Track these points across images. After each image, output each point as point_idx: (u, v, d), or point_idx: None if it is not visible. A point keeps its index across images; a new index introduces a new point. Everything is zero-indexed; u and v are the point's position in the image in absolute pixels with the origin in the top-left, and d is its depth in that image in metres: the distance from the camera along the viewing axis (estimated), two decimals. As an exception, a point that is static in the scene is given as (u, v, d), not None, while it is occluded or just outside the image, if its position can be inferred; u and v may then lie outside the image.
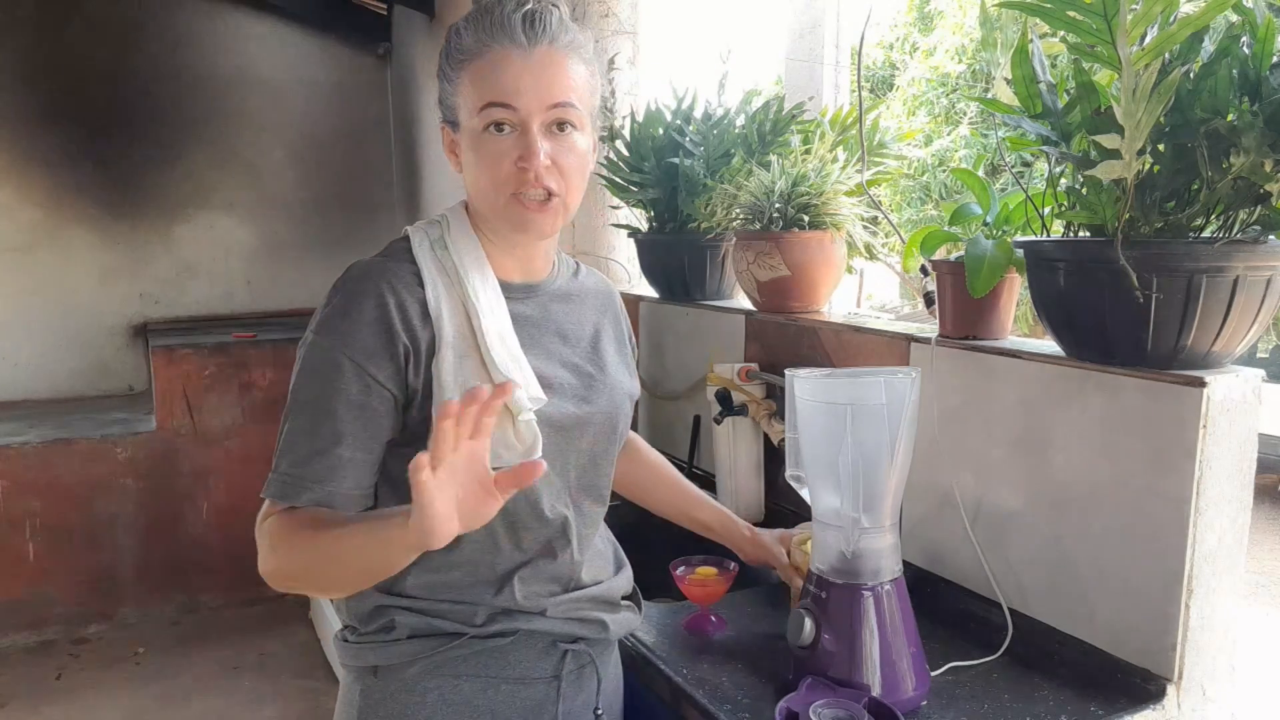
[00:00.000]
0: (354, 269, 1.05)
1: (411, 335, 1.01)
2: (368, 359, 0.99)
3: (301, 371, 1.02)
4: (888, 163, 1.95)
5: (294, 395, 1.02)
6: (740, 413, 1.81)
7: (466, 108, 1.03)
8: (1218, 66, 1.04)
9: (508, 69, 1.00)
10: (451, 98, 1.05)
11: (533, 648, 1.10)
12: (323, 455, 0.99)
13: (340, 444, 1.00)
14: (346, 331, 1.00)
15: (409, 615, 1.07)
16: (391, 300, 1.01)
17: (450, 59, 1.05)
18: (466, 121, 1.03)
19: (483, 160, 1.02)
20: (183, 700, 3.16)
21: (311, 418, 1.00)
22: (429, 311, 1.02)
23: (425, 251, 1.06)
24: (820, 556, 1.16)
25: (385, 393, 1.01)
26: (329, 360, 1.00)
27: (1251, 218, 1.08)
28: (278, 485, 1.00)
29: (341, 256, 4.70)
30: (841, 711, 1.05)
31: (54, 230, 4.24)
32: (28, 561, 3.53)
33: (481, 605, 1.07)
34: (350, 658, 1.12)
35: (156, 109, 4.38)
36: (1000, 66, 1.24)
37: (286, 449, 1.01)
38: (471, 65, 1.02)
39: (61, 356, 4.30)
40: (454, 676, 1.08)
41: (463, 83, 1.03)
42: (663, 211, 2.18)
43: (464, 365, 1.02)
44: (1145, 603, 1.15)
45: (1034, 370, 1.27)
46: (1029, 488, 1.29)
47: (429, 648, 1.07)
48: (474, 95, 1.01)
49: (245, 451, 3.89)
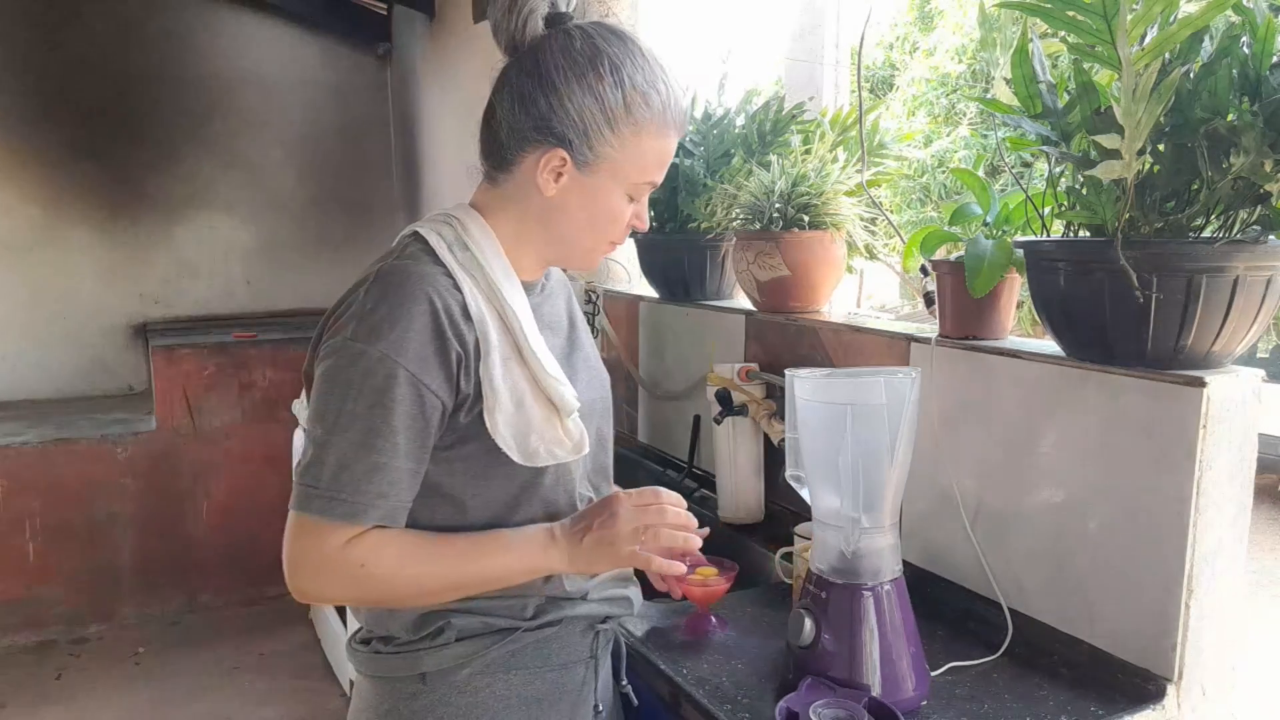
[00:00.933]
0: (390, 275, 1.00)
1: (461, 340, 0.99)
2: (423, 369, 0.96)
3: (350, 383, 0.96)
4: (887, 163, 1.95)
5: (341, 408, 0.96)
6: (740, 413, 1.82)
7: (621, 168, 1.04)
8: (1218, 66, 1.04)
9: (669, 154, 1.07)
10: (603, 145, 1.02)
11: (573, 632, 1.13)
12: (381, 470, 0.96)
13: (398, 457, 0.97)
14: (398, 340, 0.96)
15: (462, 617, 1.06)
16: (439, 305, 0.98)
17: (625, 111, 1.02)
18: (609, 174, 1.04)
19: (609, 215, 1.07)
20: (183, 700, 3.16)
21: (367, 430, 0.96)
22: (470, 314, 1.00)
23: (447, 254, 1.03)
24: (820, 556, 1.16)
25: (438, 402, 0.99)
26: (383, 370, 0.95)
27: (1251, 218, 1.08)
28: (339, 506, 0.96)
29: (341, 256, 4.73)
30: (841, 711, 1.05)
31: (54, 230, 4.24)
32: (28, 561, 3.53)
33: (531, 597, 1.09)
34: (388, 668, 1.08)
35: (157, 109, 4.38)
36: (1000, 66, 1.24)
37: (339, 465, 0.96)
38: (650, 136, 1.04)
39: (61, 356, 4.30)
40: (504, 671, 1.08)
41: (629, 141, 1.03)
42: (662, 211, 2.18)
43: (510, 368, 1.02)
44: (1145, 603, 1.15)
45: (1034, 370, 1.27)
46: (1029, 487, 1.29)
47: (481, 647, 1.07)
48: (638, 164, 1.04)
49: (245, 451, 3.90)
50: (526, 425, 1.02)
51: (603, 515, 1.03)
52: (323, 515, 0.96)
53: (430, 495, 1.04)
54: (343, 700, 3.13)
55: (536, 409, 1.02)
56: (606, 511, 1.03)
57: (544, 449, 1.02)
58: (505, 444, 1.01)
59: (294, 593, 1.01)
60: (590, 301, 2.40)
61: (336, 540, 0.96)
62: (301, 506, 0.97)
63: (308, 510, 0.96)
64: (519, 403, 1.02)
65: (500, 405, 1.00)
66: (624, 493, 1.05)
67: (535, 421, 1.02)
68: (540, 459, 1.02)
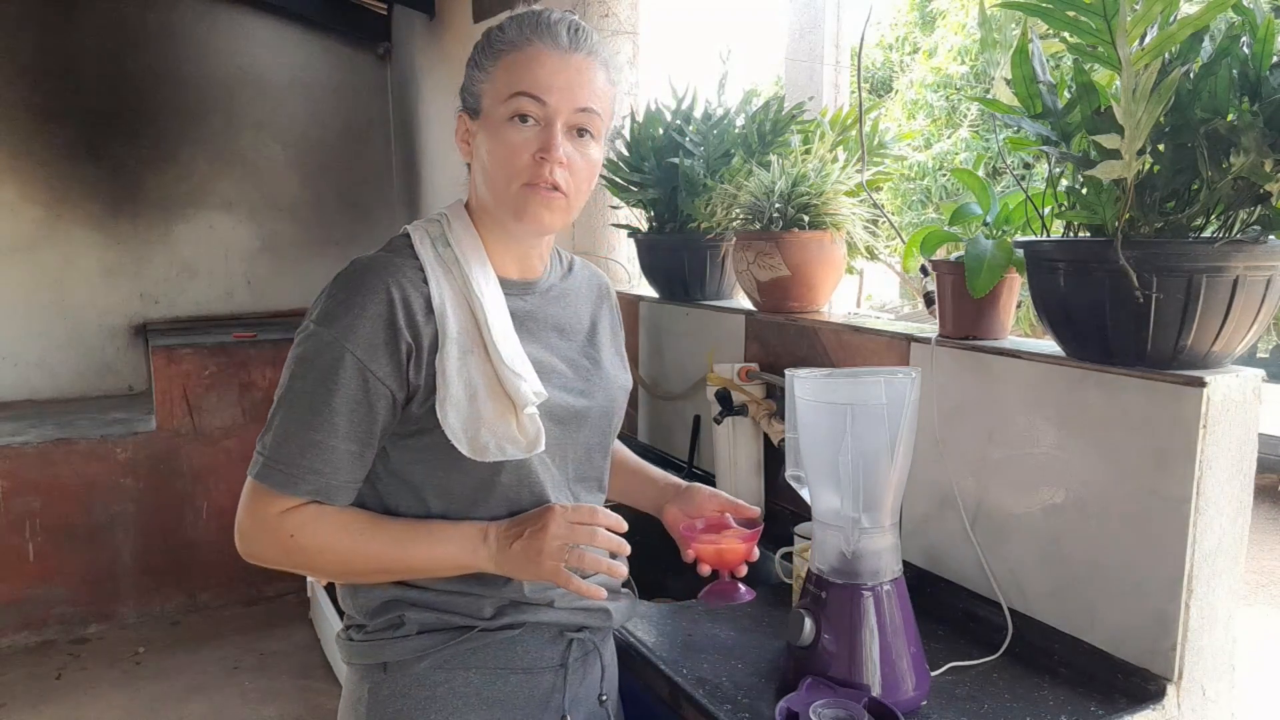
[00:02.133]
0: (358, 263, 1.05)
1: (415, 332, 1.02)
2: (370, 355, 1.00)
3: (301, 360, 1.02)
4: (887, 163, 1.95)
5: (290, 383, 1.03)
6: (740, 413, 1.81)
7: (493, 95, 1.05)
8: (1218, 66, 1.04)
9: (544, 65, 1.04)
10: (478, 84, 1.07)
11: (540, 638, 1.12)
12: (318, 447, 1.01)
13: (336, 436, 1.01)
14: (350, 325, 1.00)
15: (419, 611, 1.08)
16: (397, 296, 1.01)
17: (488, 49, 1.07)
18: (491, 109, 1.05)
19: (501, 148, 1.04)
20: (183, 700, 3.16)
21: (309, 408, 1.01)
22: (433, 307, 1.03)
23: (427, 248, 1.07)
24: (820, 556, 1.16)
25: (384, 389, 1.02)
26: (330, 352, 1.00)
27: (1251, 218, 1.08)
28: (275, 474, 1.01)
29: (342, 256, 4.72)
30: (841, 711, 1.04)
31: (55, 230, 4.24)
32: (28, 561, 3.53)
33: (490, 598, 1.09)
34: (357, 655, 1.12)
35: (157, 108, 4.38)
36: (1000, 67, 1.24)
37: (282, 436, 1.02)
38: (509, 56, 1.04)
39: (62, 356, 4.30)
40: (463, 669, 1.09)
41: (495, 71, 1.05)
42: (663, 211, 2.18)
43: (468, 360, 1.03)
44: (1145, 603, 1.15)
45: (1034, 370, 1.27)
46: (1029, 488, 1.29)
47: (439, 642, 1.08)
48: (505, 84, 1.04)
49: (245, 451, 3.87)
50: (477, 419, 1.02)
51: (535, 525, 1.03)
52: (259, 480, 1.02)
53: (392, 481, 1.07)
54: (343, 700, 3.13)
55: (490, 403, 1.03)
56: (539, 522, 1.03)
57: (494, 444, 1.03)
58: (454, 436, 1.02)
59: (238, 550, 1.07)
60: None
61: (274, 507, 1.02)
62: (251, 471, 1.03)
63: (252, 474, 1.03)
64: (472, 395, 1.03)
65: (450, 397, 1.02)
66: (560, 507, 1.05)
67: (487, 415, 1.03)
68: (490, 454, 1.03)
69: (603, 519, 1.04)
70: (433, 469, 1.06)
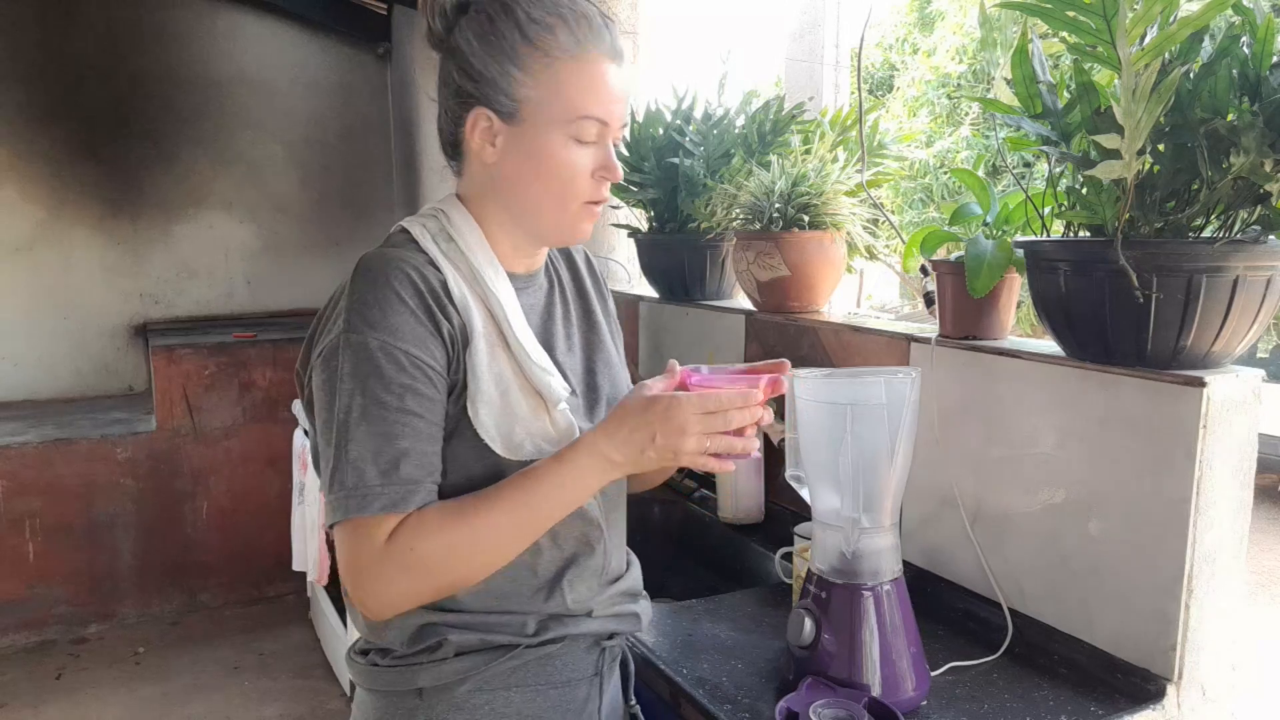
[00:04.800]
0: (370, 262, 0.97)
1: (449, 318, 0.97)
2: (422, 349, 0.94)
3: (353, 374, 0.93)
4: (887, 163, 1.95)
5: (350, 402, 0.92)
6: (740, 413, 1.81)
7: (546, 108, 0.98)
8: (1218, 66, 1.04)
9: (607, 82, 0.99)
10: (517, 86, 0.98)
11: (576, 649, 1.09)
12: (409, 455, 0.93)
13: (420, 438, 0.94)
14: (393, 325, 0.93)
15: (460, 633, 1.02)
16: (423, 286, 0.96)
17: (528, 46, 0.97)
18: (540, 121, 0.98)
19: (560, 168, 0.99)
20: (183, 700, 3.16)
21: (382, 419, 0.92)
22: (453, 298, 0.98)
23: (430, 243, 1.01)
24: (820, 556, 1.16)
25: (442, 379, 0.96)
26: (385, 357, 0.93)
27: (1251, 218, 1.08)
28: (376, 501, 0.91)
29: (342, 256, 4.73)
30: (841, 711, 1.04)
31: (55, 230, 4.24)
32: (28, 561, 3.53)
33: (532, 614, 1.04)
34: (385, 682, 1.04)
35: (156, 108, 4.37)
36: (1000, 67, 1.24)
37: (365, 460, 0.91)
38: (565, 65, 0.97)
39: (62, 356, 4.30)
40: (504, 688, 1.04)
41: (546, 79, 0.97)
42: (663, 211, 2.18)
43: (496, 356, 0.99)
44: (1145, 603, 1.15)
45: (1034, 370, 1.27)
46: (1029, 487, 1.29)
47: (480, 663, 1.03)
48: (566, 102, 0.97)
49: (245, 451, 3.90)
50: (511, 416, 0.99)
51: (665, 425, 0.92)
52: (362, 513, 0.91)
53: None
54: (343, 700, 3.13)
55: (523, 400, 1.00)
56: (670, 422, 0.92)
57: (530, 442, 0.99)
58: (488, 435, 0.98)
59: (362, 609, 0.96)
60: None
61: (382, 535, 0.92)
62: (339, 513, 0.92)
63: (345, 514, 0.92)
64: (504, 392, 0.99)
65: (483, 394, 0.97)
66: (681, 397, 0.93)
67: (521, 413, 0.99)
68: (525, 452, 0.99)
69: (728, 401, 0.93)
70: (457, 471, 0.99)
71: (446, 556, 0.94)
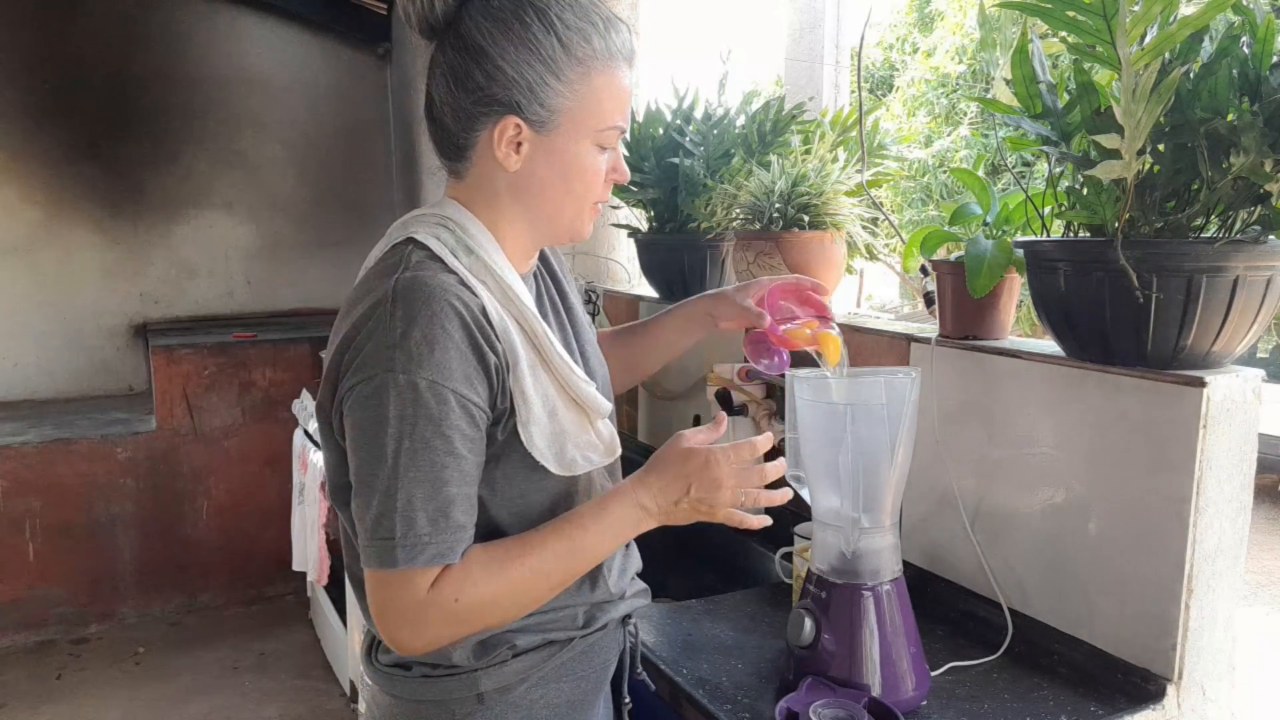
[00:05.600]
0: (408, 290, 0.91)
1: (494, 349, 0.94)
2: (469, 387, 0.91)
3: (402, 418, 0.89)
4: (887, 163, 1.95)
5: (398, 445, 0.89)
6: (740, 413, 1.81)
7: (580, 117, 0.97)
8: (1218, 66, 1.04)
9: (628, 90, 1.00)
10: (555, 96, 0.95)
11: (612, 633, 1.13)
12: (455, 502, 0.92)
13: (467, 483, 0.93)
14: (441, 363, 0.89)
15: (525, 636, 1.03)
16: (469, 317, 0.92)
17: (568, 54, 0.95)
18: (571, 130, 0.97)
19: (584, 173, 1.00)
20: (183, 700, 3.16)
21: (433, 464, 0.90)
22: (492, 322, 0.95)
23: (454, 261, 0.96)
24: (820, 556, 1.16)
25: (486, 416, 0.95)
26: (435, 398, 0.89)
27: (1251, 218, 1.08)
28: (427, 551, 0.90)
29: (341, 256, 4.73)
30: (841, 711, 1.05)
31: (54, 230, 4.24)
32: (28, 561, 3.53)
33: (581, 605, 1.07)
34: (439, 692, 1.03)
35: (156, 108, 4.37)
36: (1000, 67, 1.24)
37: (414, 508, 0.89)
38: (600, 76, 0.97)
39: (62, 356, 4.30)
40: (556, 681, 1.06)
41: (583, 89, 0.96)
42: (663, 211, 2.18)
43: (538, 375, 0.98)
44: (1145, 603, 1.15)
45: (1034, 370, 1.27)
46: (1029, 488, 1.29)
47: (539, 660, 1.05)
48: (598, 110, 0.97)
49: (245, 451, 3.90)
50: (562, 434, 0.99)
51: (701, 477, 0.97)
52: (411, 564, 0.89)
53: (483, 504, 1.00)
54: (342, 700, 3.13)
55: (569, 415, 1.00)
56: (706, 474, 0.96)
57: (580, 456, 1.00)
58: (542, 456, 0.97)
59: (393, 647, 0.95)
60: (590, 301, 2.40)
61: (425, 585, 0.91)
62: (385, 563, 0.90)
63: (393, 565, 0.90)
64: (551, 412, 0.98)
65: (534, 417, 0.96)
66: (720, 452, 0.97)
67: (570, 429, 0.99)
68: (578, 467, 1.00)
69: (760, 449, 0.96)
70: (508, 495, 0.99)
71: (489, 606, 0.95)
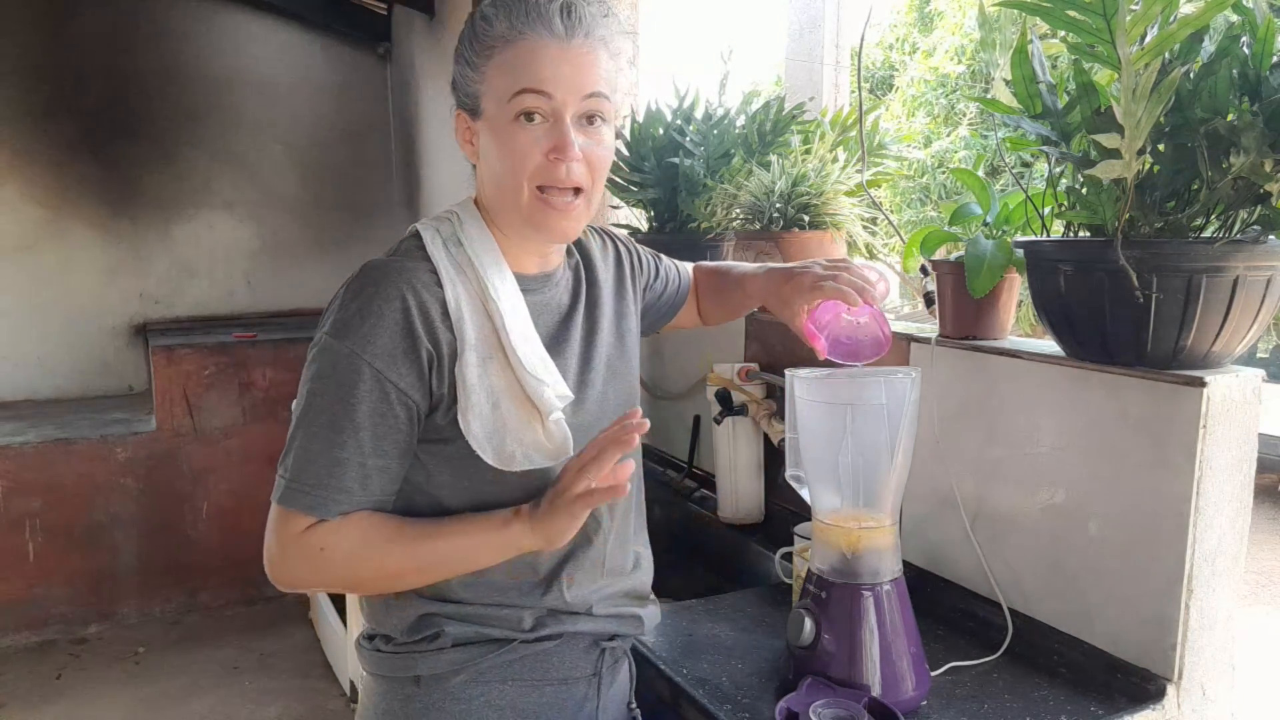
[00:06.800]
0: (370, 269, 0.99)
1: (434, 339, 0.98)
2: (390, 366, 0.96)
3: (318, 376, 0.97)
4: (887, 163, 1.95)
5: (309, 401, 0.97)
6: (740, 413, 1.82)
7: (493, 95, 0.99)
8: (1218, 66, 1.04)
9: (545, 57, 0.97)
10: (473, 85, 1.01)
11: (575, 648, 1.10)
12: (344, 465, 0.96)
13: (363, 453, 0.97)
14: (367, 336, 0.95)
15: (456, 624, 1.04)
16: (413, 303, 0.97)
17: (476, 44, 1.01)
18: (493, 109, 1.00)
19: (509, 150, 0.99)
20: (183, 700, 3.16)
21: (331, 425, 0.96)
22: (449, 313, 0.98)
23: (440, 249, 1.02)
24: (820, 556, 1.16)
25: (408, 400, 0.97)
26: (348, 366, 0.95)
27: (1251, 218, 1.08)
28: (303, 497, 0.96)
29: (341, 256, 4.73)
30: (841, 711, 1.04)
31: (54, 230, 4.24)
32: (28, 561, 3.53)
33: (529, 609, 1.06)
34: (386, 667, 1.07)
35: (156, 108, 4.38)
36: (999, 67, 1.24)
37: (306, 458, 0.96)
38: (503, 52, 0.98)
39: (62, 356, 4.30)
40: (499, 682, 1.06)
41: (488, 70, 0.99)
42: (663, 211, 2.18)
43: (488, 367, 1.00)
44: (1145, 603, 1.15)
45: (1034, 370, 1.27)
46: (1029, 488, 1.29)
47: (475, 655, 1.05)
48: (505, 82, 0.98)
49: (245, 451, 3.90)
50: (502, 427, 0.99)
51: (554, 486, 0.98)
52: (286, 505, 0.97)
53: (412, 496, 1.03)
54: (343, 700, 3.13)
55: (514, 410, 1.00)
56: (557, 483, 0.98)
57: (520, 453, 1.00)
58: (479, 446, 0.99)
59: (270, 576, 1.01)
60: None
61: (297, 527, 0.97)
62: (276, 496, 0.98)
63: (276, 499, 0.98)
64: (495, 404, 0.99)
65: (473, 406, 0.98)
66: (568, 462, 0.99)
67: (511, 423, 1.00)
68: (517, 463, 1.00)
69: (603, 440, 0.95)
70: (452, 480, 1.02)
71: (351, 568, 0.99)
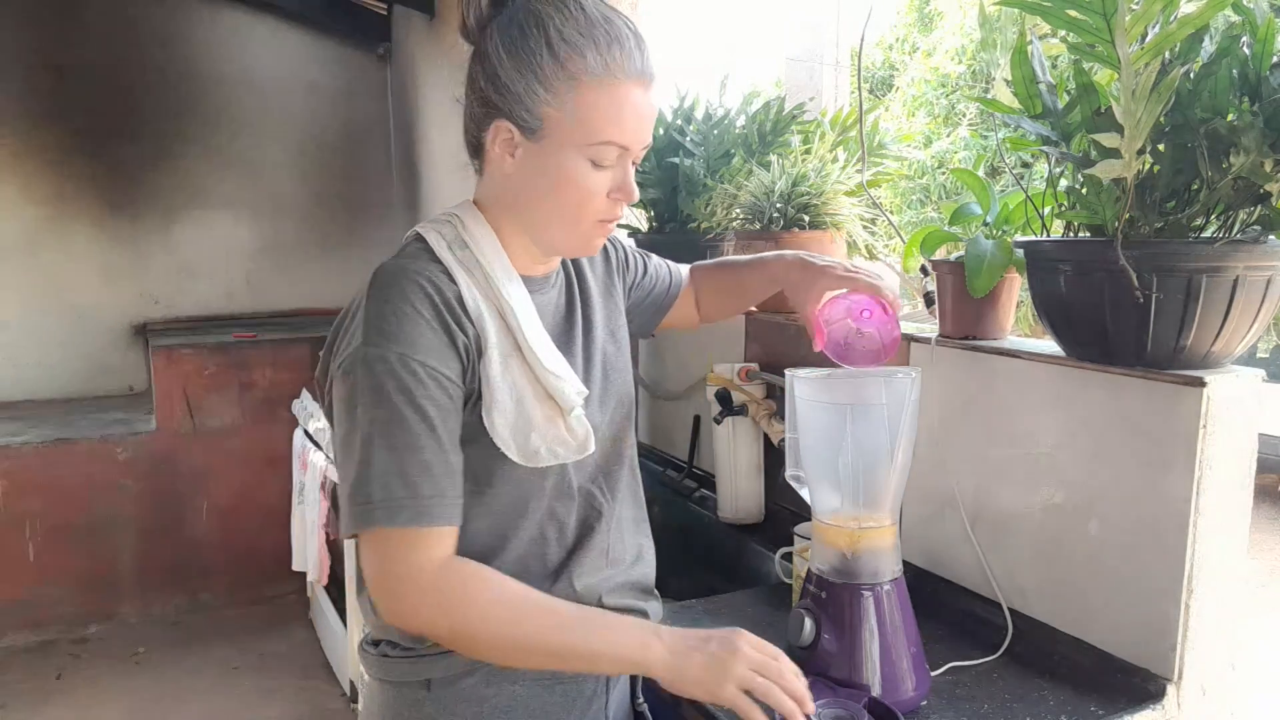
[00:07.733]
0: (386, 274, 0.98)
1: (465, 332, 0.98)
2: (441, 361, 0.95)
3: (373, 389, 0.93)
4: (887, 164, 1.95)
5: (372, 414, 0.93)
6: (740, 413, 1.81)
7: (568, 128, 0.97)
8: (1218, 66, 1.04)
9: (631, 109, 0.98)
10: (540, 104, 0.97)
11: None
12: (432, 468, 0.94)
13: (444, 451, 0.95)
14: (409, 336, 0.94)
15: None
16: (439, 300, 0.96)
17: (557, 67, 0.97)
18: (561, 139, 0.98)
19: (576, 187, 0.99)
20: (183, 700, 3.16)
21: (405, 431, 0.93)
22: (467, 308, 0.98)
23: (445, 251, 1.02)
24: (820, 556, 1.16)
25: (458, 389, 0.97)
26: (403, 369, 0.93)
27: (1251, 218, 1.08)
28: (404, 512, 0.92)
29: (341, 257, 4.73)
30: (841, 711, 1.04)
31: (55, 230, 4.24)
32: (28, 561, 3.53)
33: None
34: (396, 673, 1.06)
35: (157, 108, 4.38)
36: (1000, 67, 1.24)
37: (388, 473, 0.92)
38: (593, 91, 0.96)
39: (62, 356, 4.30)
40: (510, 682, 1.06)
41: (570, 100, 0.97)
42: (663, 211, 2.18)
43: (509, 365, 1.00)
44: (1145, 603, 1.15)
45: (1034, 370, 1.27)
46: (1029, 488, 1.29)
47: None
48: (590, 125, 0.97)
49: (245, 452, 3.90)
50: (527, 424, 1.00)
51: (725, 644, 0.97)
52: (390, 525, 0.92)
53: None
54: (343, 700, 3.13)
55: (537, 407, 1.01)
56: (729, 644, 0.97)
57: (545, 448, 1.00)
58: (504, 444, 0.99)
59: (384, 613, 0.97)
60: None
61: (425, 553, 0.93)
62: (362, 524, 0.93)
63: (370, 526, 0.92)
64: (518, 400, 1.00)
65: (498, 403, 0.98)
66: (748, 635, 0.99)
67: (536, 420, 1.00)
68: (541, 459, 1.00)
69: (787, 664, 0.98)
70: (475, 482, 1.01)
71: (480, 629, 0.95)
